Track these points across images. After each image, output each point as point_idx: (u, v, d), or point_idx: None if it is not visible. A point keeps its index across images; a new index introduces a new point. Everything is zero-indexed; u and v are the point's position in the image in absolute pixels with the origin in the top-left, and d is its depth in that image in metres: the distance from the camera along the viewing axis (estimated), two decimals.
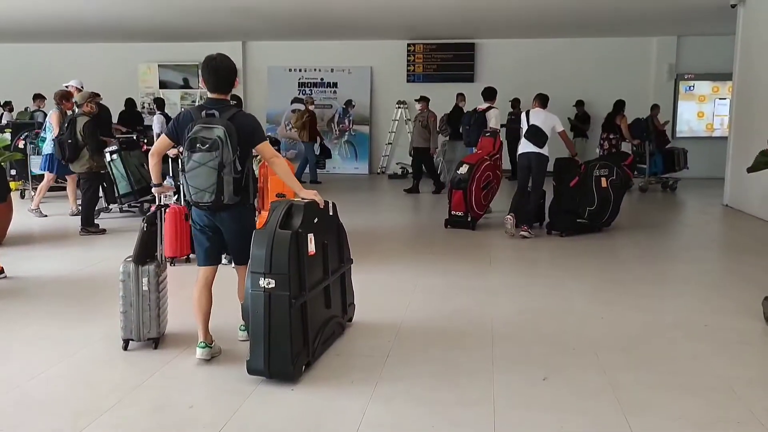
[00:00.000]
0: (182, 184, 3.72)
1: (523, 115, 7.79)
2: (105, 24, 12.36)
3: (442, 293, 5.44)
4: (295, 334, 3.57)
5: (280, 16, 11.48)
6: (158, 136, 11.30)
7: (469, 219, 8.04)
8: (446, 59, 14.68)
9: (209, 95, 3.78)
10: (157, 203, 4.31)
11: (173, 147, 4.08)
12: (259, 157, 4.71)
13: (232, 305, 4.10)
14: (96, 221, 7.85)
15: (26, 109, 13.10)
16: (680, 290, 5.70)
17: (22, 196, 10.26)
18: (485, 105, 9.15)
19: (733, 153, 10.28)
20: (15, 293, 5.35)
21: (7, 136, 9.07)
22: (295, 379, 3.56)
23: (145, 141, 11.54)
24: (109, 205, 8.86)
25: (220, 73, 3.75)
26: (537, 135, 7.48)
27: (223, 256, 4.50)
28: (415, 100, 12.24)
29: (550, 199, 7.93)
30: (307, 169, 12.54)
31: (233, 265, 4.02)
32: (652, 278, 6.04)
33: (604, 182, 7.69)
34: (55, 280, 5.79)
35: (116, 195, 8.21)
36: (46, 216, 8.61)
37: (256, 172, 5.56)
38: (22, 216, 7.88)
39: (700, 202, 10.60)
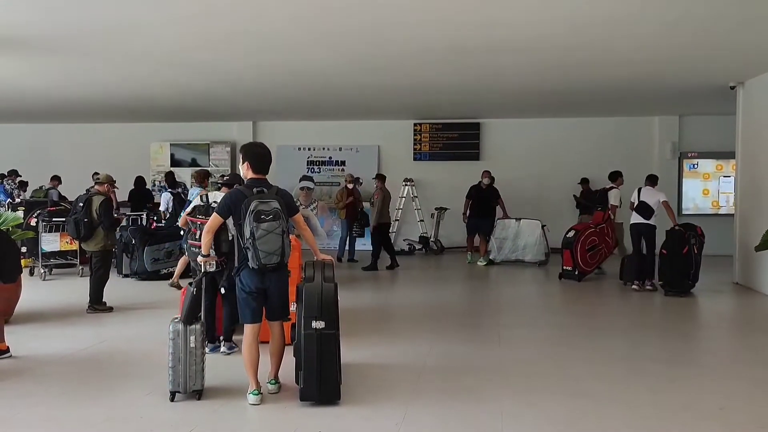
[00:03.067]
0: (248, 250, 4.32)
1: (635, 192, 9.52)
2: (119, 105, 12.73)
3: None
4: (337, 363, 4.48)
5: (290, 98, 11.81)
6: (165, 214, 11.52)
7: (576, 273, 10.20)
8: (452, 138, 14.97)
9: (252, 176, 4.54)
10: (203, 271, 4.88)
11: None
12: None
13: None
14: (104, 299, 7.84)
15: (41, 187, 13.34)
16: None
17: (32, 273, 10.29)
18: (609, 185, 10.81)
19: (740, 231, 10.30)
20: (19, 373, 5.30)
21: (20, 214, 9.18)
22: (339, 401, 4.47)
23: (155, 218, 11.69)
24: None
25: (265, 158, 4.60)
26: (646, 209, 9.23)
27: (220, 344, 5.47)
28: (373, 178, 12.65)
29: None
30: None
31: (270, 321, 4.64)
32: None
33: (695, 249, 9.01)
34: (61, 359, 5.74)
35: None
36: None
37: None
38: (31, 294, 7.88)
39: (710, 279, 10.53)
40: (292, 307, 4.97)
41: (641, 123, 14.29)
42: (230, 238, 5.41)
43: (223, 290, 4.79)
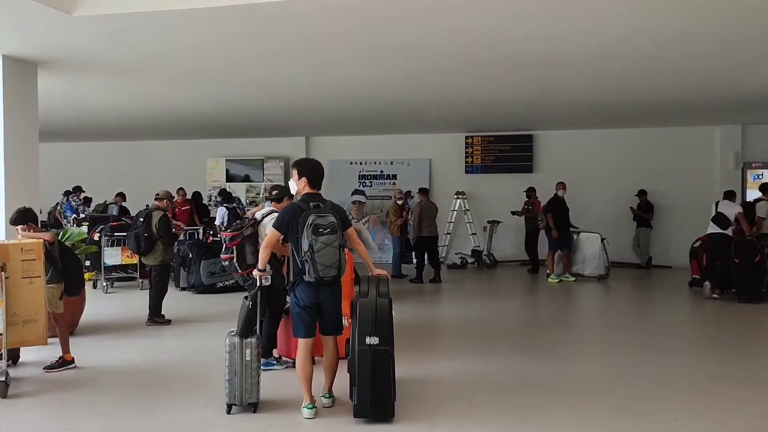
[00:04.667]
0: (306, 263, 4.37)
1: (714, 205, 9.99)
2: (178, 123, 13.11)
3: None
4: (392, 379, 4.44)
5: (342, 113, 11.92)
6: (220, 228, 11.76)
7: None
8: (504, 150, 14.83)
9: (308, 190, 4.63)
10: (258, 284, 4.88)
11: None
12: None
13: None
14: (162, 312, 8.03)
15: (105, 201, 13.83)
16: None
17: (95, 287, 10.63)
18: (758, 195, 10.77)
19: None
20: (84, 383, 5.46)
21: (85, 229, 9.52)
22: (393, 418, 4.43)
23: (211, 233, 11.94)
24: None
25: (321, 173, 4.72)
26: (722, 221, 9.61)
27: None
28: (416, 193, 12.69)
29: None
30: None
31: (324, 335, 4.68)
32: None
33: None
34: (123, 370, 5.89)
35: None
36: None
37: None
38: (93, 306, 8.13)
39: None
40: (345, 322, 4.98)
41: (701, 133, 13.83)
42: (254, 252, 5.56)
43: (250, 304, 4.78)
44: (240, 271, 5.73)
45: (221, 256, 6.03)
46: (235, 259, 5.67)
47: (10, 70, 7.12)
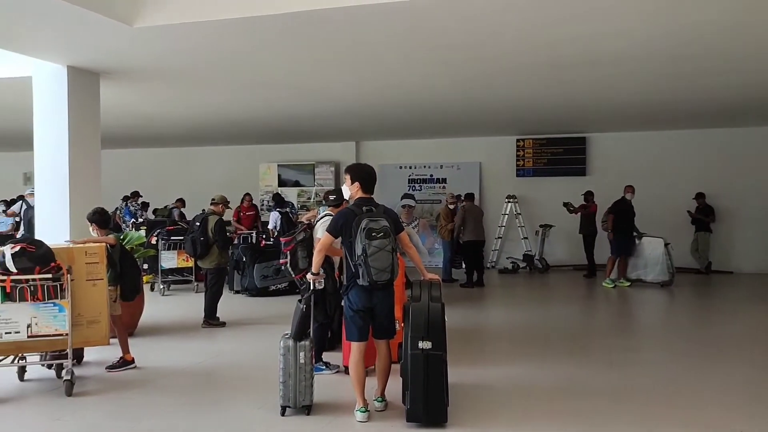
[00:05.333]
0: (359, 267, 4.41)
1: None
2: (232, 129, 13.38)
3: None
4: (444, 384, 4.42)
5: (392, 118, 11.96)
6: (273, 232, 11.94)
7: None
8: (557, 153, 14.61)
9: (361, 195, 4.66)
10: (312, 288, 4.93)
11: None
12: None
13: None
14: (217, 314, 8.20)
15: (166, 206, 14.21)
16: None
17: (152, 289, 10.92)
18: None
19: None
20: (143, 384, 5.62)
21: (143, 233, 9.79)
22: (446, 423, 4.41)
23: (264, 237, 12.14)
24: None
25: (374, 177, 4.75)
26: None
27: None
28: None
29: None
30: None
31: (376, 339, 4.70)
32: None
33: None
34: (180, 371, 6.04)
35: None
36: None
37: None
38: (151, 308, 8.35)
39: None
40: (397, 326, 4.99)
41: (762, 133, 13.33)
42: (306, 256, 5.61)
43: (304, 307, 4.82)
44: (294, 275, 5.81)
45: (279, 260, 6.13)
46: (288, 264, 5.75)
47: (74, 80, 7.39)
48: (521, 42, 6.66)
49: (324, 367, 5.86)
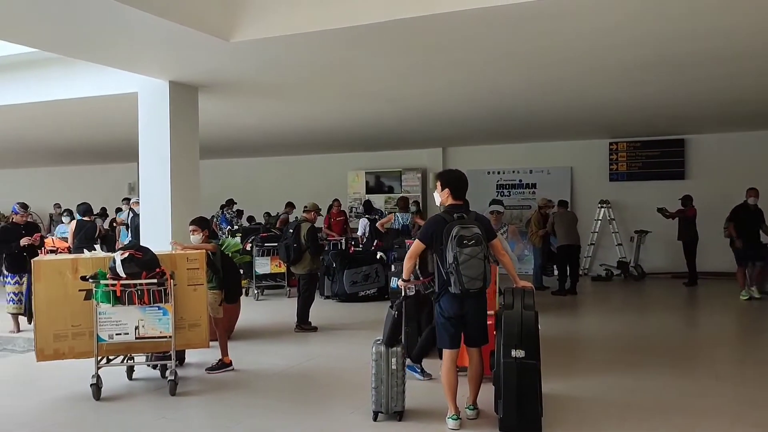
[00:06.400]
0: (450, 275, 4.37)
1: None
2: (321, 137, 13.68)
3: None
4: (538, 394, 4.35)
5: (479, 123, 11.86)
6: (362, 238, 12.10)
7: None
8: (652, 156, 14.02)
9: (451, 201, 4.63)
10: (403, 295, 4.94)
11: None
12: None
13: None
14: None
15: (277, 213, 14.65)
16: None
17: (246, 294, 11.28)
18: None
19: None
20: (240, 386, 5.82)
21: (239, 240, 10.15)
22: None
23: (353, 243, 12.32)
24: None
25: (464, 183, 4.70)
26: None
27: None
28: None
29: None
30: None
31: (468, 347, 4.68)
32: None
33: None
34: (274, 374, 6.21)
35: None
36: None
37: None
38: (246, 312, 8.62)
39: None
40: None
41: None
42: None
43: (395, 313, 4.81)
44: (421, 278, 5.78)
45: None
46: (417, 267, 5.74)
47: (175, 94, 7.77)
48: (615, 41, 6.44)
49: (419, 370, 5.84)
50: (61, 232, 11.11)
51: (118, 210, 14.22)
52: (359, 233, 12.60)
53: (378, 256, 10.29)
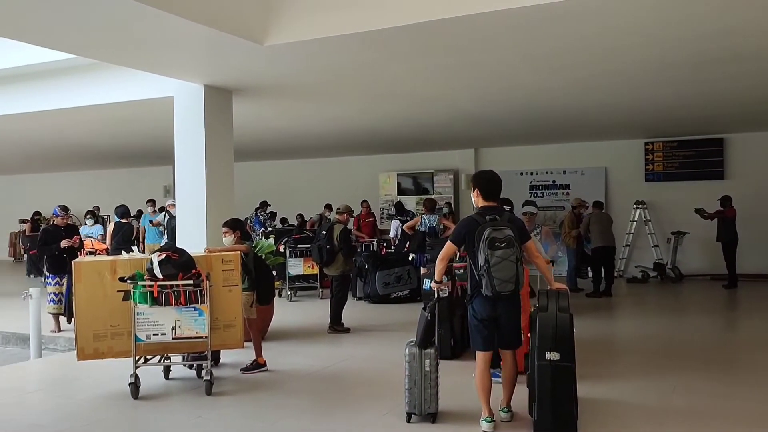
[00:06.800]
0: (482, 277, 4.35)
1: None
2: (352, 139, 13.74)
3: None
4: (573, 397, 4.31)
5: (511, 124, 11.78)
6: (394, 240, 12.10)
7: None
8: (690, 156, 13.76)
9: (483, 203, 4.59)
10: (436, 296, 4.94)
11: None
12: None
13: None
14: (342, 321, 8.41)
15: (319, 213, 14.76)
16: None
17: (279, 295, 11.39)
18: None
19: None
20: (274, 386, 5.87)
21: (272, 241, 10.24)
22: None
23: (385, 245, 12.33)
24: None
25: (493, 184, 4.64)
26: None
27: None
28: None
29: None
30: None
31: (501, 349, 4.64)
32: None
33: None
34: (308, 375, 6.25)
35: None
36: None
37: None
38: (280, 313, 8.68)
39: None
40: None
41: None
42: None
43: (429, 315, 4.78)
44: (459, 283, 5.79)
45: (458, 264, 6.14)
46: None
47: (209, 98, 7.88)
48: (650, 39, 6.34)
49: (500, 374, 5.72)
50: (85, 233, 11.37)
51: (140, 213, 14.38)
52: (391, 235, 12.61)
53: (410, 258, 10.30)
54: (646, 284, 12.97)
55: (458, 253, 5.18)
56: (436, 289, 4.89)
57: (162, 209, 13.04)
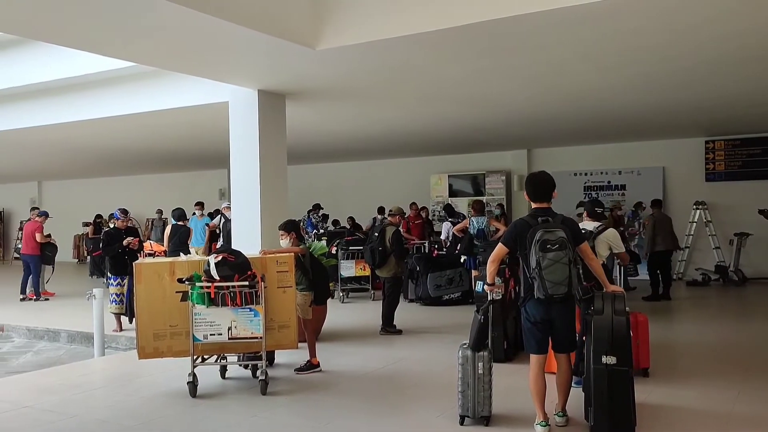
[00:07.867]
0: (534, 280, 4.30)
1: None
2: (402, 141, 13.75)
3: None
4: (631, 401, 4.24)
5: (565, 124, 11.59)
6: (445, 242, 12.06)
7: None
8: (754, 155, 13.27)
9: (534, 205, 4.54)
10: (490, 299, 4.92)
11: None
12: None
13: None
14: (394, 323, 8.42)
15: (374, 218, 14.79)
16: None
17: (332, 297, 11.48)
18: None
19: None
20: (328, 387, 5.93)
21: (324, 243, 10.35)
22: None
23: (436, 247, 12.30)
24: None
25: (542, 185, 4.56)
26: None
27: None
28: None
29: None
30: None
31: (556, 353, 4.57)
32: None
33: None
34: (361, 376, 6.29)
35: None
36: None
37: None
38: (333, 315, 8.77)
39: None
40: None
41: None
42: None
43: (482, 318, 4.73)
44: (585, 282, 5.67)
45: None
46: (581, 271, 5.66)
47: (263, 102, 8.01)
48: (709, 35, 6.14)
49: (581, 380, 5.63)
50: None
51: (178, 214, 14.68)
52: (443, 237, 12.58)
53: (461, 260, 10.24)
54: (707, 287, 12.56)
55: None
56: (489, 292, 4.86)
57: (217, 212, 13.33)
